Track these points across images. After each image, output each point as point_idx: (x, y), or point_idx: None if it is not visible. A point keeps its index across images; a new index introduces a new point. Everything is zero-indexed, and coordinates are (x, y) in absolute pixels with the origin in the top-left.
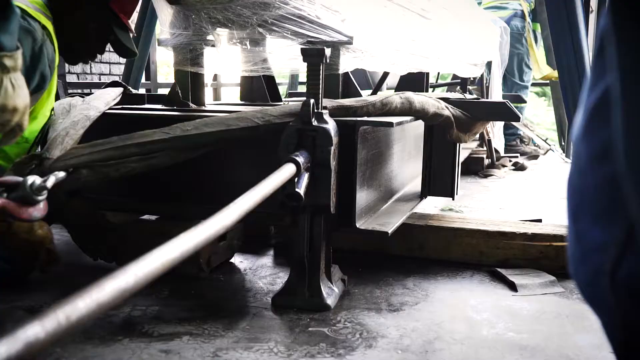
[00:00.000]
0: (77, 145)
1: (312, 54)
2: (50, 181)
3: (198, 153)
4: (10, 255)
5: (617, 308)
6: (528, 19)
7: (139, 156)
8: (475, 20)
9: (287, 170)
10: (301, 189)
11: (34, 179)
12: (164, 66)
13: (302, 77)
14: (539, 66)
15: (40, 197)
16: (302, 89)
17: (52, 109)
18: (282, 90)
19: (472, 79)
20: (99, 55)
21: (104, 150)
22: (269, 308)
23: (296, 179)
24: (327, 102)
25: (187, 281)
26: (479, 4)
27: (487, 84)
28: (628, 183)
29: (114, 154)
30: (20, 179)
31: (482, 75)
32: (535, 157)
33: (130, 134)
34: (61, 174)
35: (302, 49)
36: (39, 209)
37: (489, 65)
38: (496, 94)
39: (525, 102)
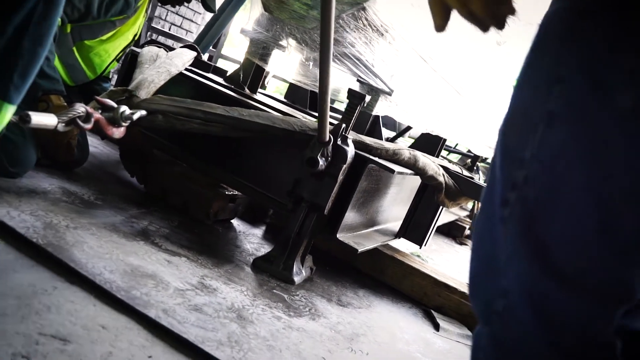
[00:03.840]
0: (160, 95)
1: (356, 95)
2: (136, 115)
3: (245, 135)
4: (39, 143)
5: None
6: None
7: (201, 121)
8: (502, 107)
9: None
10: (320, 160)
11: (125, 109)
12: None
13: (341, 96)
14: None
15: (124, 124)
16: (337, 105)
17: (135, 37)
18: None
19: (484, 157)
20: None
21: (179, 106)
22: (249, 265)
23: (319, 152)
24: (352, 135)
25: (194, 222)
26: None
27: None
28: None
29: (185, 112)
30: (115, 104)
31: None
32: None
33: (201, 101)
34: (143, 112)
35: (349, 89)
36: (120, 132)
37: None
38: None
39: None
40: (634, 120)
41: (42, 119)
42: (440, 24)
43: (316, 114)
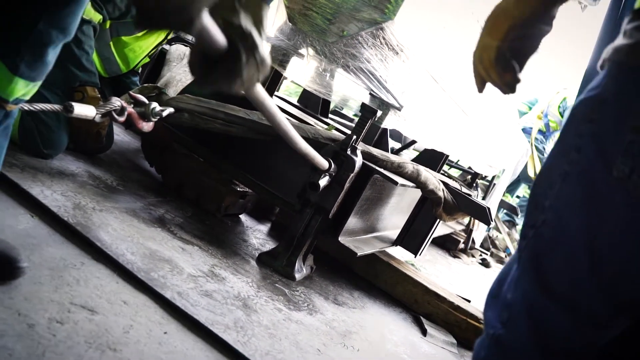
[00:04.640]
0: (187, 94)
1: (368, 110)
2: (165, 112)
3: (261, 138)
4: (72, 131)
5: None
6: (535, 135)
7: (223, 121)
8: (506, 131)
9: (321, 158)
10: (321, 184)
11: (155, 105)
12: None
13: (350, 104)
14: (534, 167)
15: (153, 119)
16: (345, 111)
17: (168, 35)
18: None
19: (483, 175)
20: None
21: (204, 107)
22: (254, 259)
23: (320, 177)
24: (361, 146)
25: (206, 214)
26: (525, 112)
27: (493, 184)
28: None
29: (209, 112)
30: (146, 100)
31: (494, 175)
32: (502, 261)
33: (224, 103)
34: (172, 110)
35: (362, 104)
36: (149, 126)
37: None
38: (496, 196)
39: (517, 214)
40: (627, 183)
41: (83, 110)
42: (480, 87)
43: (327, 120)
